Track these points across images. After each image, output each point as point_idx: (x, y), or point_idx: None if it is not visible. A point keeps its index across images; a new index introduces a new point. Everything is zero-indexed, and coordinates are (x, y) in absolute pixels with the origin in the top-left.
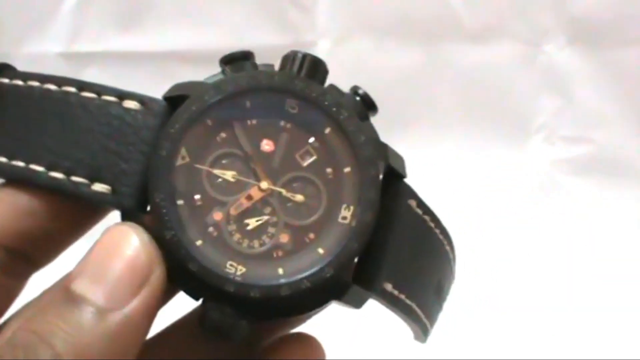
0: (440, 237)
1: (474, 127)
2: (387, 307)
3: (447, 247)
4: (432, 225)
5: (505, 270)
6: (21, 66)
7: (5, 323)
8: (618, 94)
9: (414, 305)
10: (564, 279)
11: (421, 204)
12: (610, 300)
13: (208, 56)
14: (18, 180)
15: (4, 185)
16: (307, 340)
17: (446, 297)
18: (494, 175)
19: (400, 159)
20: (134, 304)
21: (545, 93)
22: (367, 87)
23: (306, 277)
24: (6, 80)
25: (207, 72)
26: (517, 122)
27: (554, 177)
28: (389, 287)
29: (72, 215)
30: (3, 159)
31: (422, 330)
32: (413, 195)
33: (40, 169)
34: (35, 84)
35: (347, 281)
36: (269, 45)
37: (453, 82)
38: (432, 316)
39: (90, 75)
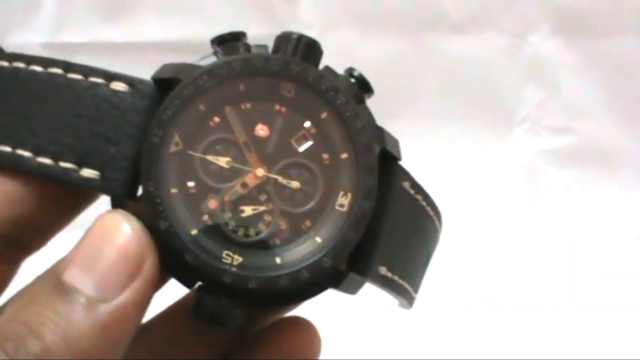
0: (431, 213)
1: (459, 118)
2: (379, 288)
3: (437, 222)
4: (424, 204)
5: (490, 259)
6: None
7: None
8: (602, 84)
9: (405, 284)
10: (548, 267)
11: (414, 184)
12: (591, 287)
13: (193, 46)
14: (5, 166)
15: None
16: (302, 325)
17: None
18: (479, 165)
19: (395, 142)
20: (126, 295)
21: (530, 84)
22: None
23: (305, 268)
24: None
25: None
26: (501, 113)
27: (538, 167)
28: (383, 270)
29: (62, 200)
30: None
31: (408, 301)
32: (407, 176)
33: (27, 154)
34: (21, 65)
35: (342, 268)
36: (253, 36)
37: (437, 72)
38: (419, 287)
39: None
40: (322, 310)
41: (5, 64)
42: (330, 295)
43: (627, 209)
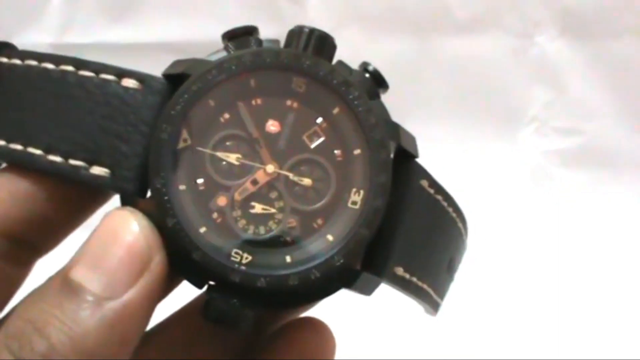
0: (453, 215)
1: (466, 119)
2: (398, 290)
3: (460, 225)
4: (445, 204)
5: (495, 260)
6: None
7: (9, 312)
8: (609, 85)
9: (425, 286)
10: (555, 269)
11: (433, 183)
12: (598, 287)
13: (200, 47)
14: (16, 164)
15: (3, 170)
16: (316, 326)
17: (457, 269)
18: (486, 166)
19: (411, 139)
20: (133, 292)
21: (537, 84)
22: None
23: (315, 266)
24: (5, 60)
25: None
26: (508, 114)
27: (545, 168)
28: (399, 271)
29: (73, 200)
30: (1, 142)
31: (432, 307)
32: (425, 174)
33: (38, 152)
34: (33, 63)
35: (357, 268)
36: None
37: (444, 73)
38: (443, 292)
39: None
40: (338, 310)
41: (18, 62)
42: (346, 296)
43: (634, 210)
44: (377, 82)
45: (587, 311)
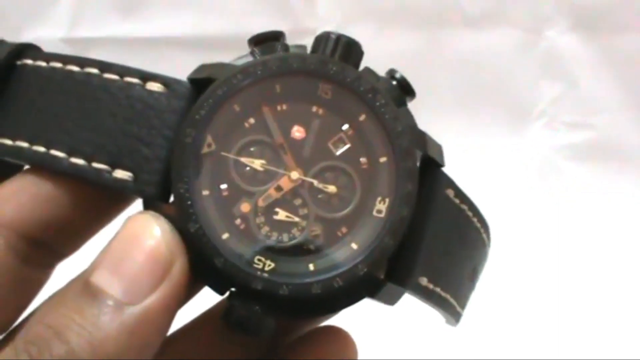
0: (478, 225)
1: (475, 113)
2: (421, 300)
3: (484, 235)
4: (470, 214)
5: (503, 255)
6: None
7: (29, 316)
8: (619, 79)
9: (448, 297)
10: (563, 263)
11: (459, 193)
12: (608, 285)
13: (208, 42)
14: (39, 166)
15: (25, 172)
16: (338, 334)
17: (479, 278)
18: (495, 160)
19: (438, 148)
20: (154, 298)
21: (546, 79)
22: None
23: (338, 275)
24: (30, 62)
25: (207, 58)
26: (518, 108)
27: (554, 162)
28: (424, 281)
29: (95, 203)
30: (24, 144)
31: (454, 317)
32: (451, 184)
33: (61, 154)
34: (58, 65)
35: (380, 277)
36: None
37: (454, 68)
38: (465, 302)
39: None
40: (359, 319)
41: (42, 63)
42: (366, 304)
43: None
44: (404, 89)
45: (596, 307)
